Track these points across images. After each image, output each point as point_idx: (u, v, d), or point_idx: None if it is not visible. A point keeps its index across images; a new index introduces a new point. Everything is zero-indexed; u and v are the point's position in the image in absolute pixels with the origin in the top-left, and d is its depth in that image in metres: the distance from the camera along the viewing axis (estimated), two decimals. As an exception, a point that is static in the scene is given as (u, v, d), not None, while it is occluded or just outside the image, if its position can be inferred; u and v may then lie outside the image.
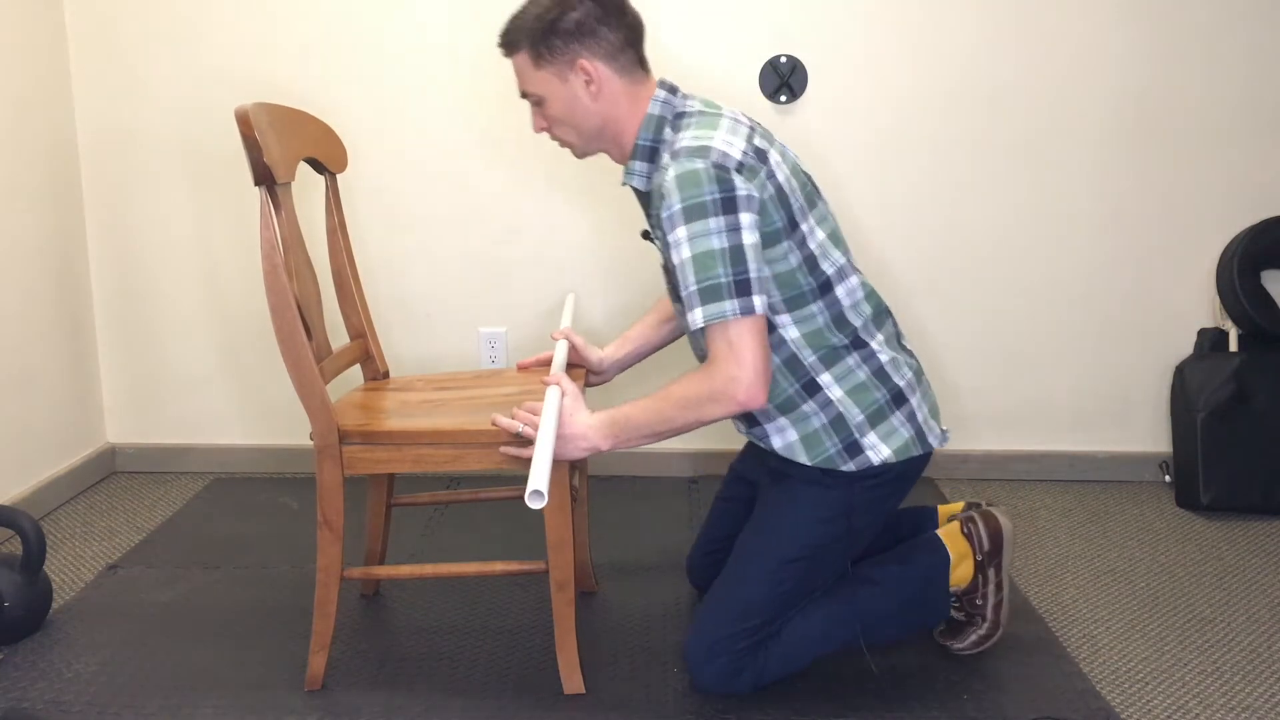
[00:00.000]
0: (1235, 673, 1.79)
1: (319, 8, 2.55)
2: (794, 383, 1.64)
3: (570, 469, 1.71)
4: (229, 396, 2.75)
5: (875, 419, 1.65)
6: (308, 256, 1.80)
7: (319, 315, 1.81)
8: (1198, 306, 2.63)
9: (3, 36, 2.36)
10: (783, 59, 2.52)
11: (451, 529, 2.41)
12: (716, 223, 1.49)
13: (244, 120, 1.60)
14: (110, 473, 2.77)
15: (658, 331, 2.00)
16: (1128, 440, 2.71)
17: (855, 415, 1.64)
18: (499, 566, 1.73)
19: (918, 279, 2.63)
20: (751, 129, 1.61)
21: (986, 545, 1.77)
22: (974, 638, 1.80)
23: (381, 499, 2.01)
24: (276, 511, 2.50)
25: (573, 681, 1.71)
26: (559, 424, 1.57)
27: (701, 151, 1.52)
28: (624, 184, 1.72)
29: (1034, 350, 2.66)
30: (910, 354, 1.76)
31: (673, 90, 1.67)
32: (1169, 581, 2.14)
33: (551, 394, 1.62)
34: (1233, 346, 2.58)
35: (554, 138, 1.72)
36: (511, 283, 2.66)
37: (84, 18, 2.58)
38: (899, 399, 1.67)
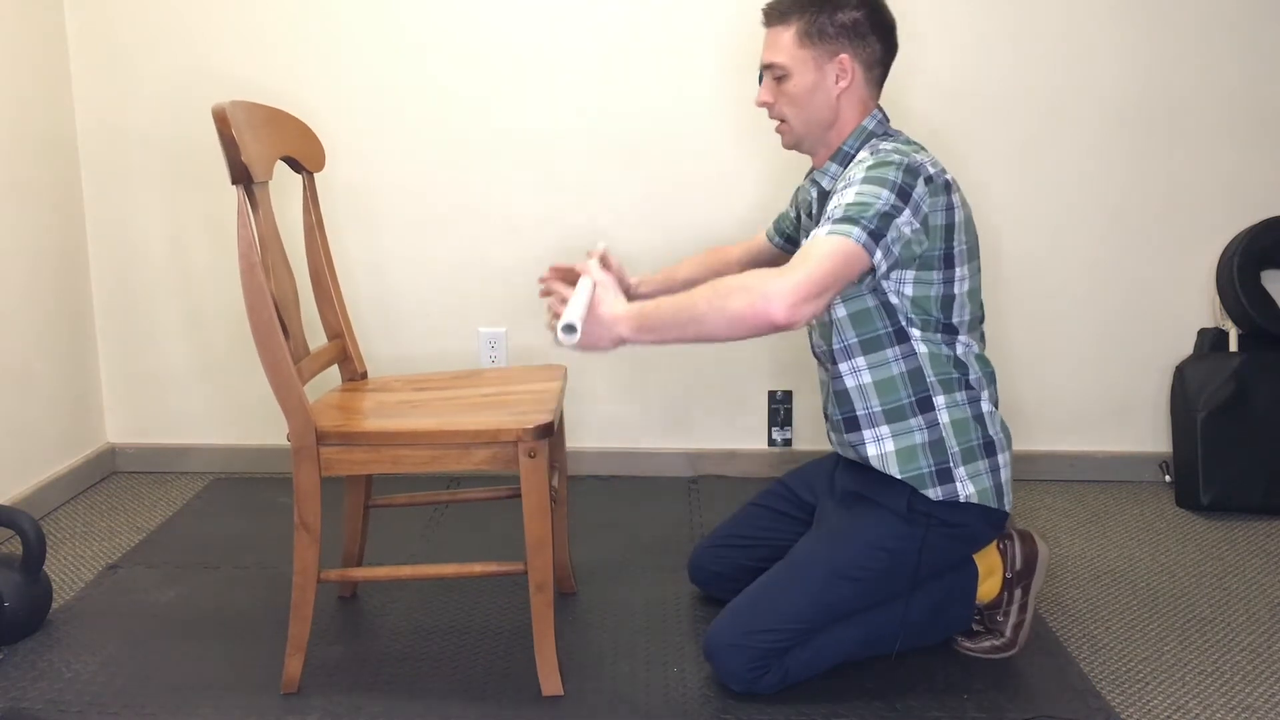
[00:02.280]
0: (1235, 673, 1.79)
1: (310, 9, 2.55)
2: (912, 394, 1.67)
3: (550, 470, 1.71)
4: (229, 396, 2.75)
5: (967, 457, 1.68)
6: (285, 256, 1.80)
7: (296, 315, 1.81)
8: (1198, 306, 2.63)
9: (2, 36, 2.36)
10: (783, 59, 2.51)
11: (451, 529, 2.41)
12: (888, 195, 1.54)
13: (221, 118, 1.60)
14: (110, 473, 2.77)
15: (692, 275, 1.98)
16: (1128, 440, 2.71)
17: (952, 445, 1.68)
18: (478, 568, 1.73)
19: (918, 279, 2.62)
20: (944, 169, 1.65)
21: (1019, 565, 1.79)
22: (987, 644, 1.80)
23: (359, 500, 2.01)
24: (276, 511, 2.50)
25: (551, 683, 1.71)
26: (592, 304, 1.59)
27: (900, 153, 1.60)
28: (811, 182, 1.78)
29: (1034, 350, 2.66)
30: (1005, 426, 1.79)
31: (886, 117, 1.75)
32: (1169, 581, 2.14)
33: (584, 281, 1.64)
34: (1233, 346, 2.58)
35: (775, 115, 1.75)
36: (511, 283, 2.66)
37: (83, 17, 2.58)
38: (990, 448, 1.71)
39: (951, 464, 1.67)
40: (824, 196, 1.75)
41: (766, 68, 1.73)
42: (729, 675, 1.67)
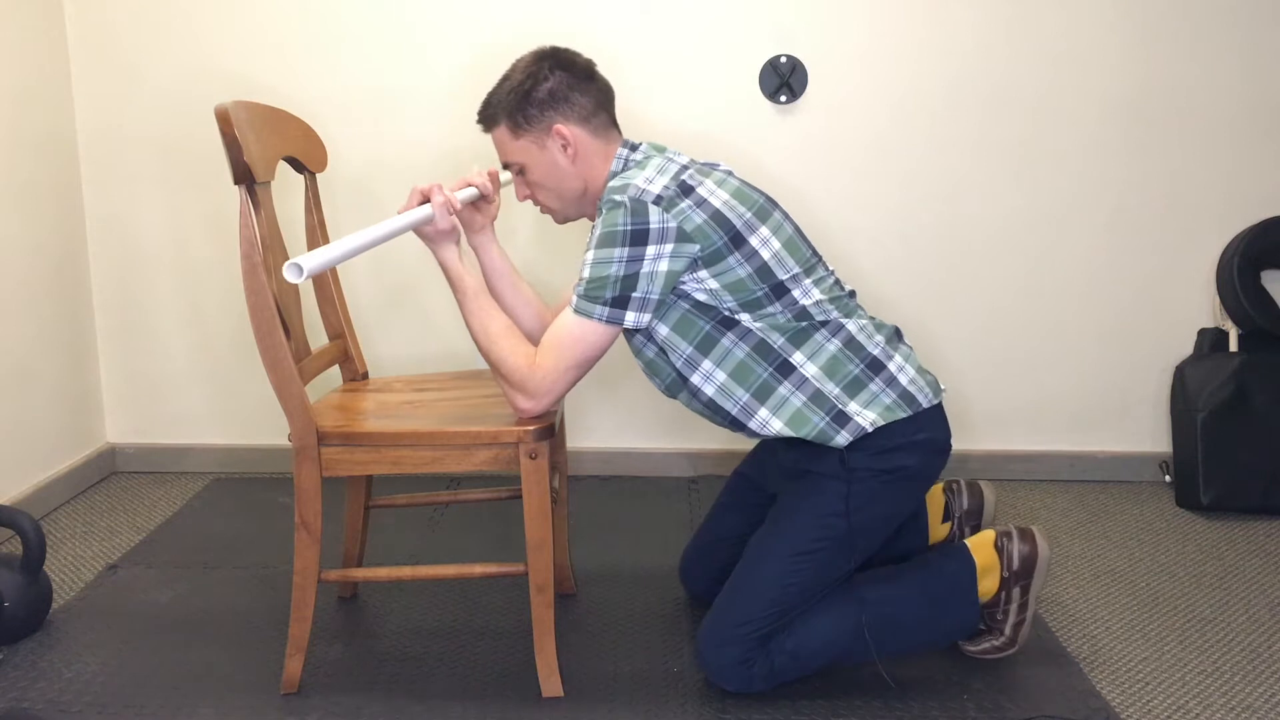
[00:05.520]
0: (1235, 673, 1.79)
1: (310, 8, 2.55)
2: (766, 366, 1.67)
3: (550, 471, 1.71)
4: (229, 396, 2.75)
5: (853, 389, 1.68)
6: (287, 256, 1.80)
7: (298, 315, 1.81)
8: (1198, 306, 2.63)
9: (3, 36, 2.36)
10: (783, 59, 2.52)
11: (450, 530, 2.41)
12: (620, 252, 1.59)
13: (224, 119, 1.60)
14: (110, 473, 2.77)
15: (527, 299, 1.90)
16: (1128, 440, 2.71)
17: (831, 388, 1.67)
18: (478, 569, 1.73)
19: (917, 279, 2.63)
20: (683, 167, 1.67)
21: (1016, 565, 1.78)
22: (987, 645, 1.80)
23: (360, 500, 2.01)
24: (276, 511, 2.50)
25: (551, 684, 1.71)
26: (393, 231, 1.52)
27: (621, 189, 1.62)
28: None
29: (1034, 350, 2.66)
30: (883, 323, 1.78)
31: (633, 148, 1.75)
32: (1169, 581, 2.14)
33: (417, 211, 1.60)
34: (1233, 346, 2.58)
35: (537, 204, 1.79)
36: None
37: (84, 17, 2.58)
38: (875, 365, 1.70)
39: (841, 405, 1.67)
40: None
41: (505, 168, 1.78)
42: (721, 673, 1.68)
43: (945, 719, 1.64)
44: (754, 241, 1.64)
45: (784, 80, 2.53)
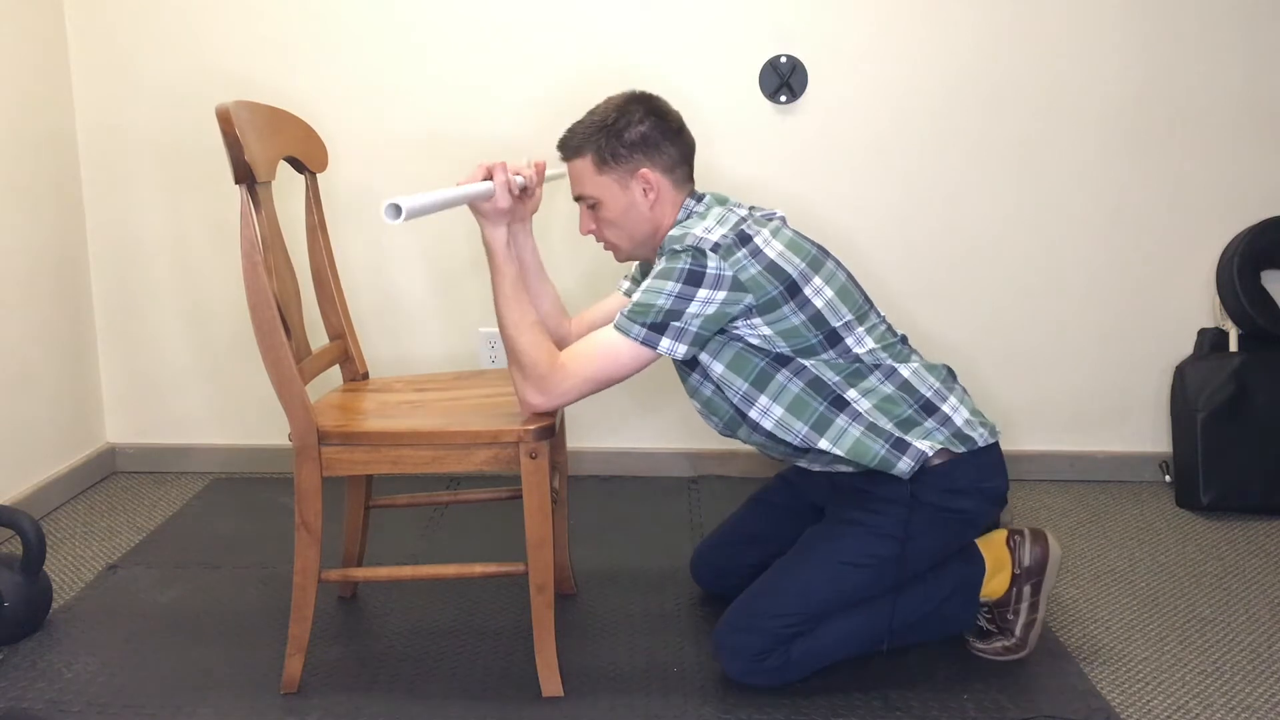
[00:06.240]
0: (1235, 673, 1.79)
1: (310, 8, 2.55)
2: (822, 401, 1.68)
3: (550, 471, 1.71)
4: (229, 396, 2.75)
5: (908, 425, 1.70)
6: (288, 256, 1.80)
7: (298, 315, 1.81)
8: (1198, 306, 2.63)
9: (3, 36, 2.36)
10: (783, 59, 2.52)
11: (450, 530, 2.41)
12: (673, 287, 1.61)
13: (225, 118, 1.61)
14: (110, 473, 2.77)
15: (549, 299, 1.91)
16: (1128, 440, 2.71)
17: (886, 423, 1.69)
18: (478, 568, 1.73)
19: (917, 279, 2.63)
20: (742, 219, 1.68)
21: (1027, 562, 1.79)
22: (999, 645, 1.81)
23: (360, 500, 2.01)
24: (276, 511, 2.50)
25: (551, 684, 1.71)
26: (467, 196, 1.55)
27: (680, 238, 1.64)
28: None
29: (1034, 350, 2.67)
30: (934, 365, 1.79)
31: (698, 199, 1.76)
32: (1169, 581, 2.14)
33: (479, 185, 1.60)
34: (1233, 346, 2.58)
35: (601, 239, 1.80)
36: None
37: (84, 17, 2.58)
38: (929, 407, 1.71)
39: (900, 433, 1.68)
40: None
41: (578, 199, 1.78)
42: (733, 660, 1.69)
43: (945, 719, 1.64)
44: (808, 291, 1.66)
45: (784, 80, 2.52)
